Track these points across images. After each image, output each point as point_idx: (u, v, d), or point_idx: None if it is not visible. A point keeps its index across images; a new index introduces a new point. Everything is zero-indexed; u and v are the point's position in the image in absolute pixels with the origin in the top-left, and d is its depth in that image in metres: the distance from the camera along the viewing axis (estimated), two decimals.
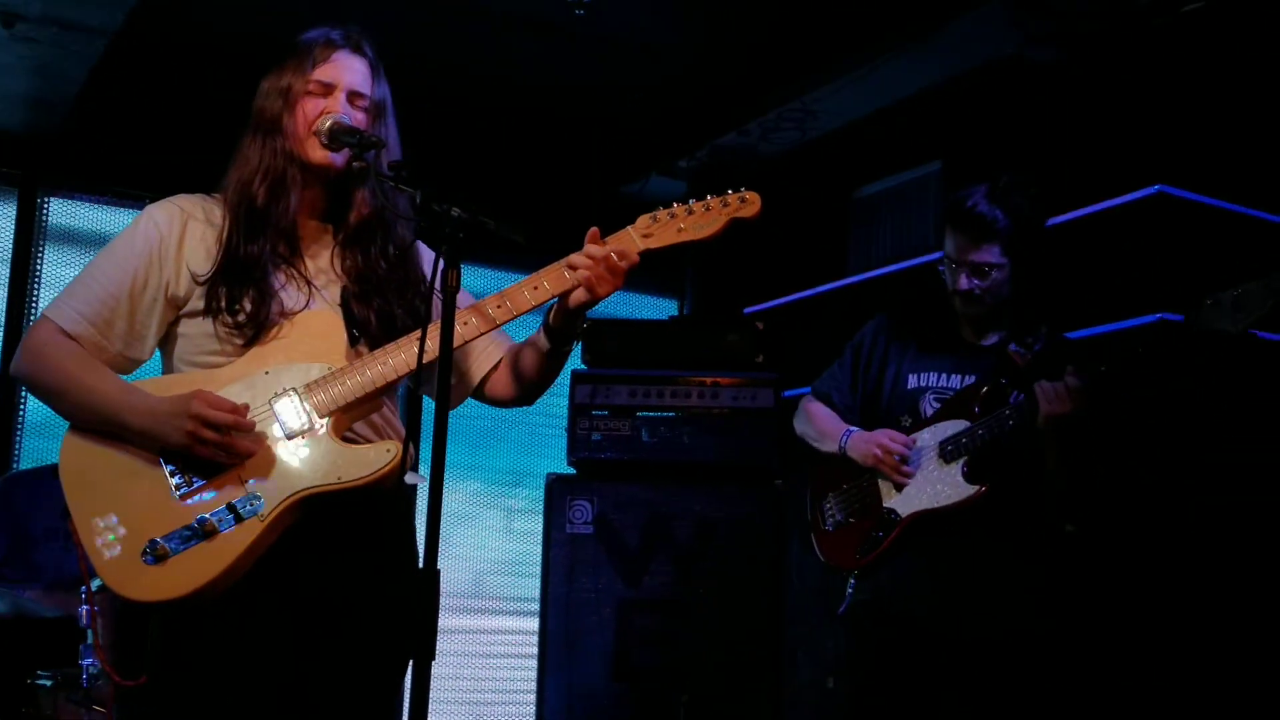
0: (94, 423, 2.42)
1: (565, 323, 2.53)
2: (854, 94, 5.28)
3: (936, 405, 3.34)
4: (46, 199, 5.67)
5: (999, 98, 5.04)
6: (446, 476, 2.23)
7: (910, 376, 3.41)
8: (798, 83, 5.25)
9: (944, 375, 3.38)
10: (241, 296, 2.45)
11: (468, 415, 2.98)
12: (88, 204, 5.75)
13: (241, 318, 2.44)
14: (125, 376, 2.49)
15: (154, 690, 2.41)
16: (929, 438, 3.31)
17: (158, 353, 2.58)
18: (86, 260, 5.52)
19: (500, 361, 2.68)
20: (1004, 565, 3.22)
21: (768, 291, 5.91)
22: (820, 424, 3.52)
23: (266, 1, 4.54)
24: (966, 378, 3.34)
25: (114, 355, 2.49)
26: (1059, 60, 4.82)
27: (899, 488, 3.32)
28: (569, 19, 4.82)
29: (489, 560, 5.82)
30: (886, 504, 3.34)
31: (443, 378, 2.21)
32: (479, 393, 2.73)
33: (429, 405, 2.34)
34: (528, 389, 2.67)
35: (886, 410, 3.43)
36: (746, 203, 2.55)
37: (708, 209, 2.54)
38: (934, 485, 3.26)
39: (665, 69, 5.27)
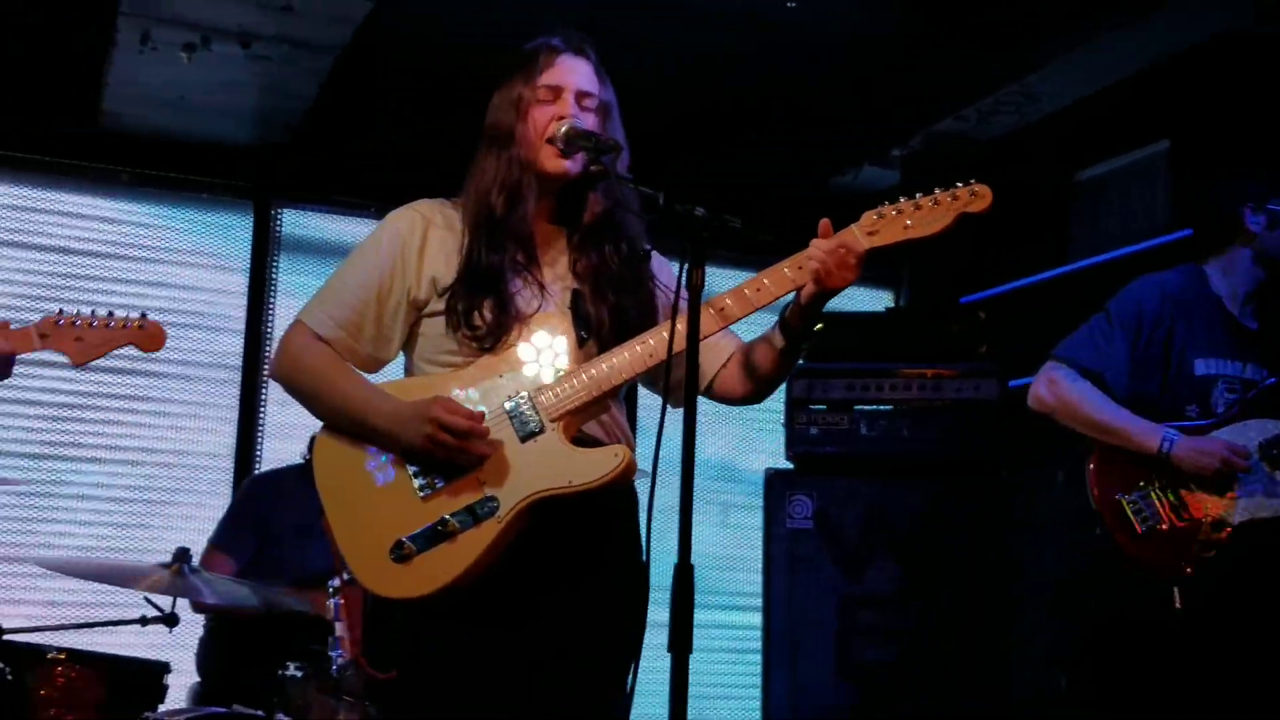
0: (343, 424, 2.53)
1: (800, 319, 2.51)
2: (1076, 73, 5.11)
3: (1230, 397, 3.18)
4: (279, 210, 5.93)
5: (1230, 73, 4.80)
6: (660, 470, 2.27)
7: (1198, 361, 3.23)
8: (1017, 64, 5.11)
9: (1230, 362, 3.20)
10: (481, 306, 2.51)
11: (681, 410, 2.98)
12: (317, 214, 5.99)
13: (481, 329, 2.50)
14: (371, 376, 2.59)
15: (402, 684, 2.50)
16: (1238, 437, 3.16)
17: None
18: (318, 268, 5.90)
19: (730, 358, 2.68)
20: None
21: (986, 280, 5.78)
22: (1104, 415, 3.31)
23: (486, 16, 4.65)
24: (1249, 367, 3.17)
25: (364, 357, 2.59)
26: None
27: (1220, 491, 3.18)
28: (779, 11, 4.79)
29: (705, 555, 5.78)
30: (1214, 511, 3.18)
31: (690, 374, 2.22)
32: (708, 390, 2.72)
33: (642, 404, 2.38)
34: (759, 386, 2.66)
35: (1164, 395, 3.25)
36: (976, 196, 2.48)
37: (936, 204, 2.48)
38: (1269, 492, 3.11)
39: (877, 57, 5.19)
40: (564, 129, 2.53)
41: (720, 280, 2.72)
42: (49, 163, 5.53)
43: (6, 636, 3.69)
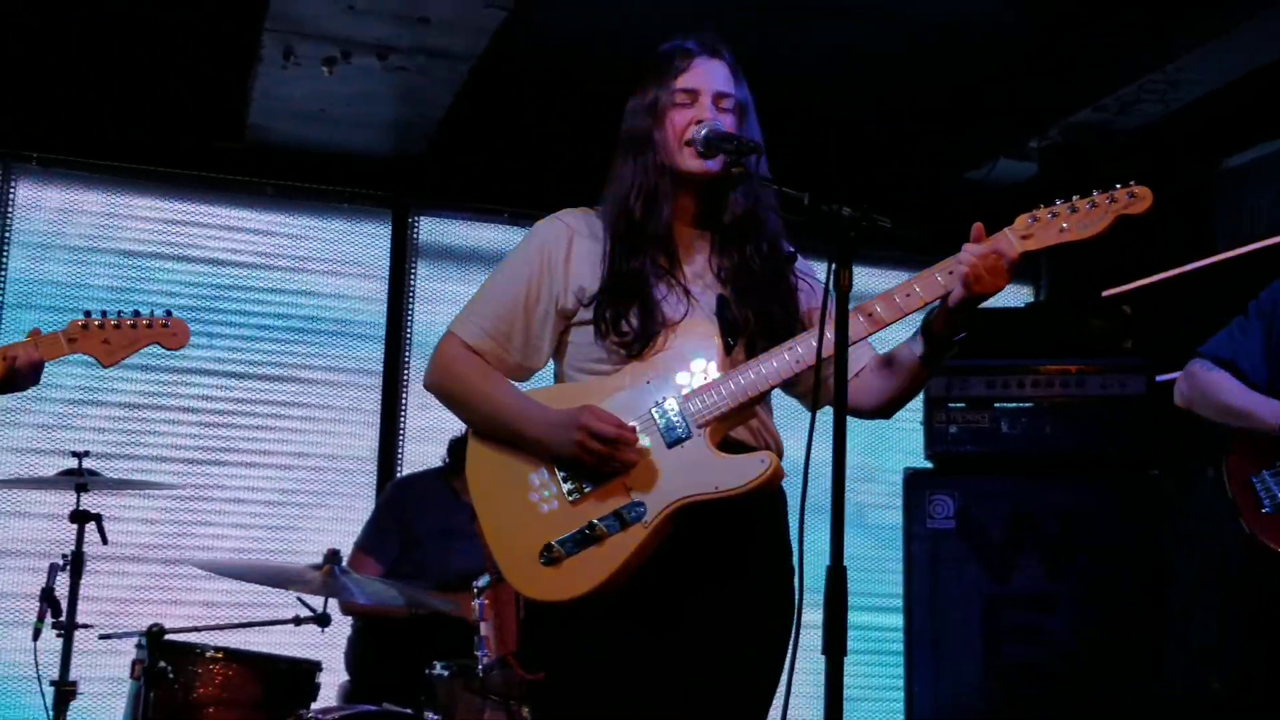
0: (494, 431, 2.57)
1: (946, 325, 2.49)
2: (1220, 59, 4.95)
3: None
4: (417, 218, 6.04)
5: None
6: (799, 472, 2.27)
7: None
8: (1159, 51, 4.97)
9: None
10: (627, 313, 2.53)
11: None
12: (454, 220, 6.09)
13: (628, 335, 2.52)
14: (522, 384, 2.63)
15: (556, 684, 2.54)
16: None
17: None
18: (455, 274, 6.00)
19: (863, 368, 2.66)
20: None
21: (1128, 272, 5.65)
22: (1233, 398, 3.32)
23: (620, 21, 4.68)
24: None
25: (513, 365, 2.62)
26: None
27: None
28: (913, 3, 4.74)
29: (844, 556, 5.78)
30: None
31: (840, 377, 2.22)
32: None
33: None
34: (891, 398, 2.63)
35: None
36: (1136, 198, 2.43)
37: (1094, 206, 2.43)
38: None
39: (1013, 47, 5.10)
40: (703, 132, 2.54)
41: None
42: (199, 177, 5.72)
43: (168, 636, 3.82)
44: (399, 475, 5.66)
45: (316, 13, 4.65)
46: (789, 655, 2.36)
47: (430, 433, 5.52)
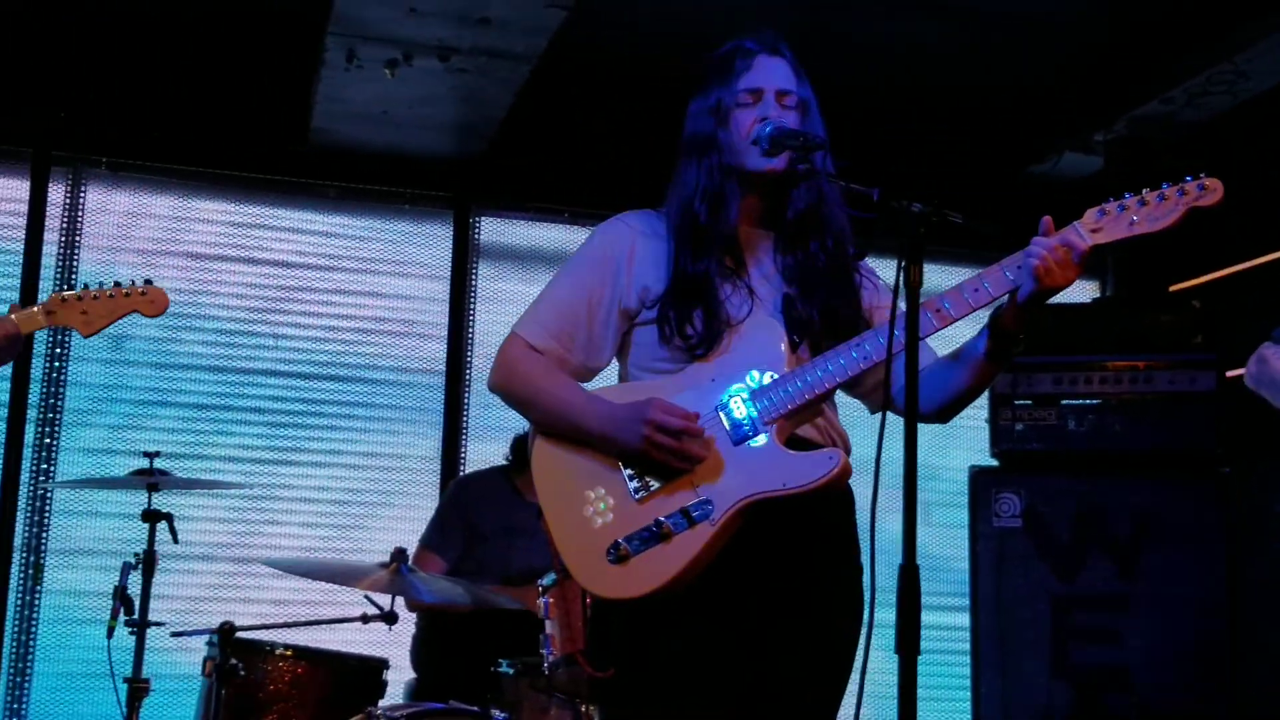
0: (560, 429, 2.58)
1: (1015, 320, 2.47)
2: None
3: None
4: (478, 218, 6.08)
5: None
6: (865, 470, 2.27)
7: None
8: (1228, 42, 4.89)
9: None
10: (691, 316, 2.53)
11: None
12: (515, 220, 6.12)
13: (694, 339, 2.53)
14: (586, 384, 2.64)
15: (621, 683, 2.55)
16: None
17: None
18: (516, 273, 6.02)
19: (923, 370, 2.63)
20: None
21: (1196, 266, 5.56)
22: None
23: (680, 20, 4.68)
24: None
25: (576, 365, 2.64)
26: None
27: None
28: None
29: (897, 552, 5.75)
30: None
31: (910, 375, 2.20)
32: (892, 403, 2.62)
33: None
34: (951, 401, 2.62)
35: None
36: (1207, 190, 2.40)
37: (1163, 199, 2.40)
38: None
39: (1078, 39, 5.05)
40: (768, 129, 2.53)
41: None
42: (264, 180, 5.79)
43: (239, 634, 3.87)
44: (461, 474, 5.69)
45: (379, 16, 4.69)
46: (862, 654, 2.36)
47: (493, 431, 5.56)
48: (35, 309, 3.16)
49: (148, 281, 3.26)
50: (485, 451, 5.56)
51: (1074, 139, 5.82)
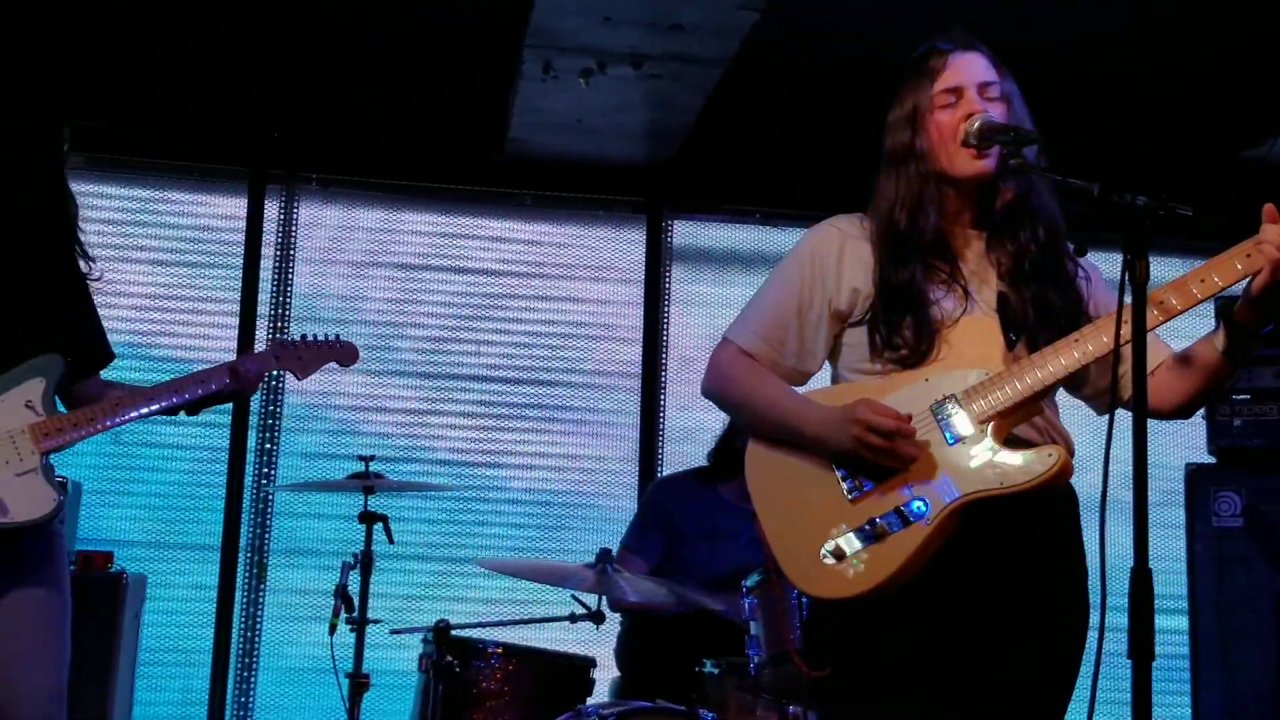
0: (772, 432, 2.58)
1: (1252, 313, 2.37)
2: None
3: None
4: (670, 222, 6.14)
5: None
6: (1090, 469, 2.21)
7: None
8: None
9: None
10: (901, 327, 2.50)
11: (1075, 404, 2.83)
12: (707, 223, 6.17)
13: (904, 351, 2.50)
14: (798, 388, 2.63)
15: (842, 683, 2.53)
16: None
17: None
18: (708, 275, 6.07)
19: (1159, 366, 2.55)
20: None
21: None
22: None
23: (871, 21, 4.63)
24: None
25: (788, 370, 2.64)
26: None
27: None
28: None
29: (1117, 555, 5.56)
30: None
31: (1138, 373, 2.14)
32: (1126, 401, 2.48)
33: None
34: (1192, 397, 2.52)
35: None
36: None
37: None
38: None
39: None
40: (976, 124, 2.48)
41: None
42: (465, 191, 5.97)
43: (454, 632, 4.00)
44: (659, 476, 5.75)
45: (574, 26, 4.77)
46: (1094, 660, 2.30)
47: (689, 433, 5.61)
48: (268, 353, 3.55)
49: (337, 336, 3.63)
50: (682, 453, 5.63)
51: None
